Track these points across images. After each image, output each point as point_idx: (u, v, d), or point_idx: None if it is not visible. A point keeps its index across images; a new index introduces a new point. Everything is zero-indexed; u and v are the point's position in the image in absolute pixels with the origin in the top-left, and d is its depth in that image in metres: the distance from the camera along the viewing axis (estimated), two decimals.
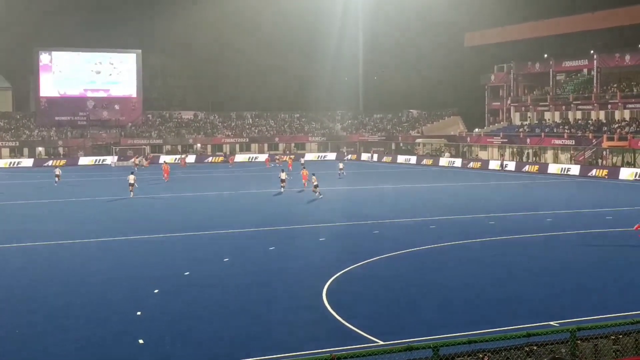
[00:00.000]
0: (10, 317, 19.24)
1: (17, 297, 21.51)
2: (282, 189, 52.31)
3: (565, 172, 70.64)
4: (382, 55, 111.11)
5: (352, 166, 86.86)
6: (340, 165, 70.10)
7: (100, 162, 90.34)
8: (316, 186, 48.39)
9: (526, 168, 75.46)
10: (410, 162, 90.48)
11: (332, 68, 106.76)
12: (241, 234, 33.37)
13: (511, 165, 77.69)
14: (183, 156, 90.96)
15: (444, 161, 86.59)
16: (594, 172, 68.19)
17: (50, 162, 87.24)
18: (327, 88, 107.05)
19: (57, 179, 60.03)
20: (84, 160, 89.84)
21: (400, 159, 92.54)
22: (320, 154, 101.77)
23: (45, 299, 21.26)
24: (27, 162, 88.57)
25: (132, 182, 50.08)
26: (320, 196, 47.47)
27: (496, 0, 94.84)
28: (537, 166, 75.02)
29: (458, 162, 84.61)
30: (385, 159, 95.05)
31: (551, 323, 17.87)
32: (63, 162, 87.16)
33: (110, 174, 73.05)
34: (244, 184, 61.24)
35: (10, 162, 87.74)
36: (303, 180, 54.77)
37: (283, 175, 53.21)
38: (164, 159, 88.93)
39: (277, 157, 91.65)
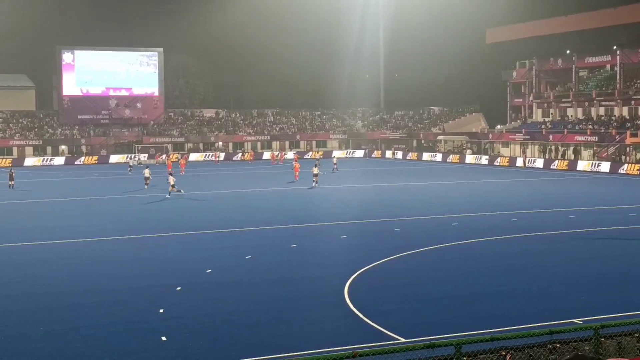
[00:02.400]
0: (33, 315, 19.41)
1: (40, 294, 21.67)
2: (315, 184, 53.82)
3: (595, 169, 70.07)
4: (402, 52, 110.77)
5: (376, 163, 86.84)
6: (334, 161, 73.91)
7: (130, 159, 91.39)
8: (173, 185, 47.78)
9: (555, 165, 74.83)
10: (435, 159, 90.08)
11: (352, 65, 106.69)
12: (262, 231, 33.39)
13: (539, 162, 77.14)
14: (215, 153, 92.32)
15: (470, 158, 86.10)
16: (625, 167, 67.65)
17: (82, 159, 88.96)
18: (348, 85, 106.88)
19: (130, 169, 70.91)
20: (114, 158, 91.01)
21: (425, 156, 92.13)
22: (348, 151, 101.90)
23: (67, 296, 21.41)
24: (59, 160, 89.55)
25: (147, 175, 53.45)
26: (168, 196, 47.34)
27: None
28: (567, 162, 74.30)
29: (484, 159, 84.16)
30: (410, 155, 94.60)
31: (574, 320, 17.77)
32: (95, 158, 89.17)
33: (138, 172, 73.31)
34: (265, 180, 61.18)
35: (43, 159, 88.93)
36: (295, 172, 59.41)
37: (315, 170, 54.88)
38: (193, 156, 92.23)
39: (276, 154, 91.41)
